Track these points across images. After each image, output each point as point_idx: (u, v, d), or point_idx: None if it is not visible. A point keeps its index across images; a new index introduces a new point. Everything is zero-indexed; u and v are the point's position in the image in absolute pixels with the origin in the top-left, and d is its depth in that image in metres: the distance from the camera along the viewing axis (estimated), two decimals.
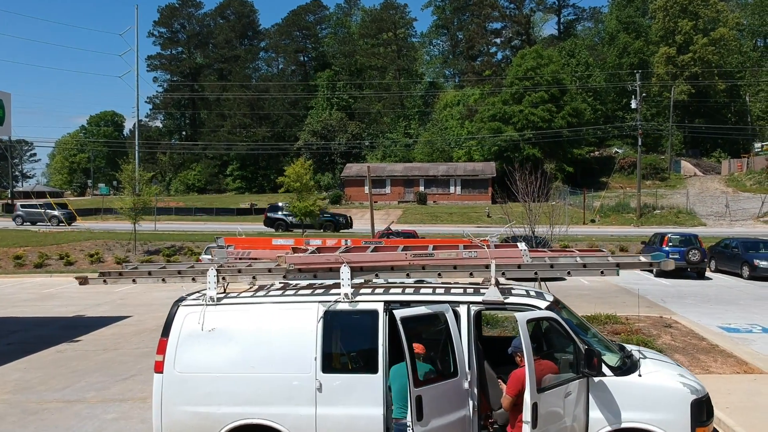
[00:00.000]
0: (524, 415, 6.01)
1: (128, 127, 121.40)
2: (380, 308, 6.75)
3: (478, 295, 6.86)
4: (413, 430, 6.03)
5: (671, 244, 26.01)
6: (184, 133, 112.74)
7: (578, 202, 55.66)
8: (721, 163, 73.71)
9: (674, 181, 68.16)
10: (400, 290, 7.13)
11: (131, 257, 32.56)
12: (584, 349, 6.37)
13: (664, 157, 73.20)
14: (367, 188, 49.77)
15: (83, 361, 13.62)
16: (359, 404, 6.60)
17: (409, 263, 6.93)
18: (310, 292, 7.17)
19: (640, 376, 6.55)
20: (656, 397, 6.46)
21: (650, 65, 77.12)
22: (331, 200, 64.24)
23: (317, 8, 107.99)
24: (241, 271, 7.18)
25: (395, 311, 6.13)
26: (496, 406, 6.94)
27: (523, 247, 7.07)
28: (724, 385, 10.19)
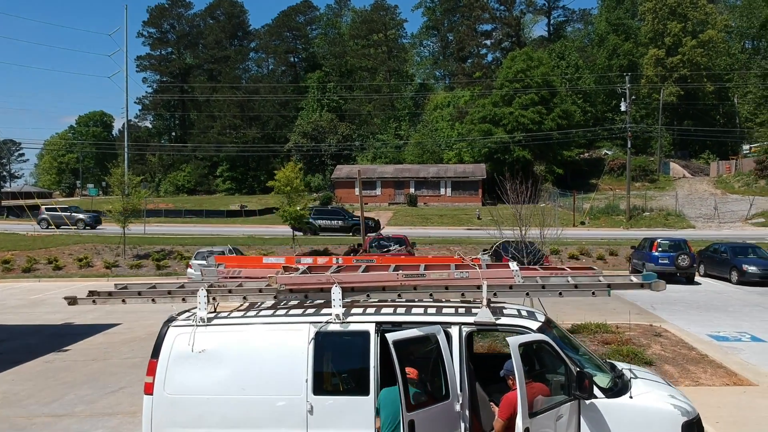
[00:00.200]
0: None
1: (117, 127, 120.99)
2: (372, 329, 6.72)
3: (469, 315, 6.83)
4: None
5: (660, 249, 26.06)
6: (173, 133, 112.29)
7: (568, 204, 55.83)
8: (709, 164, 74.13)
9: (663, 182, 68.52)
10: (391, 309, 7.09)
11: (120, 261, 32.40)
12: (576, 371, 6.37)
13: (653, 158, 73.56)
14: (357, 190, 49.75)
15: (72, 372, 13.53)
16: (351, 427, 6.56)
17: (400, 283, 6.90)
18: (301, 312, 7.12)
19: (631, 397, 6.56)
20: (647, 419, 6.47)
21: (639, 67, 77.52)
22: (321, 202, 64.02)
23: (307, 9, 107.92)
24: (231, 291, 7.12)
25: (387, 335, 6.09)
26: (488, 428, 6.92)
27: (514, 267, 7.07)
28: (713, 398, 10.23)
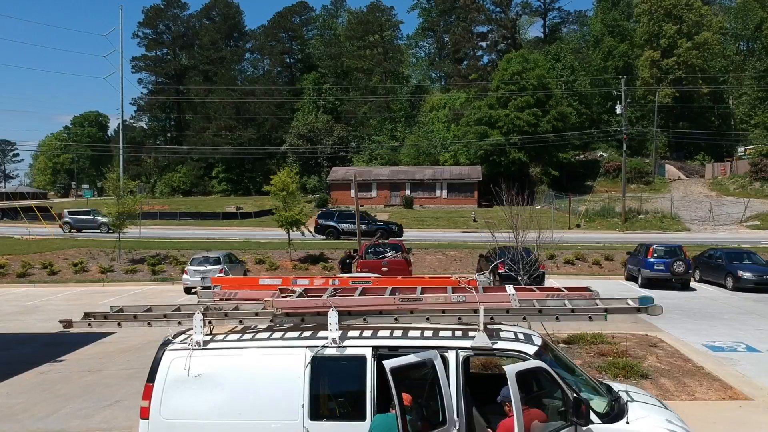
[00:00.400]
0: None
1: (112, 127, 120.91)
2: (368, 353, 6.70)
3: (466, 338, 6.82)
4: None
5: (656, 255, 25.98)
6: (169, 134, 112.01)
7: (564, 206, 55.88)
8: (704, 166, 74.25)
9: (659, 184, 68.63)
10: (388, 333, 7.06)
11: (116, 266, 32.29)
12: (572, 396, 6.36)
13: (648, 160, 73.70)
14: (353, 192, 49.70)
15: (67, 384, 13.46)
16: None
17: (397, 307, 6.88)
18: (297, 335, 7.10)
19: (627, 422, 6.54)
20: None
21: (635, 69, 77.60)
22: (317, 204, 64.00)
23: (303, 10, 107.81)
24: (227, 314, 7.10)
25: (385, 362, 6.06)
26: None
27: (511, 290, 7.06)
28: (709, 413, 10.23)
